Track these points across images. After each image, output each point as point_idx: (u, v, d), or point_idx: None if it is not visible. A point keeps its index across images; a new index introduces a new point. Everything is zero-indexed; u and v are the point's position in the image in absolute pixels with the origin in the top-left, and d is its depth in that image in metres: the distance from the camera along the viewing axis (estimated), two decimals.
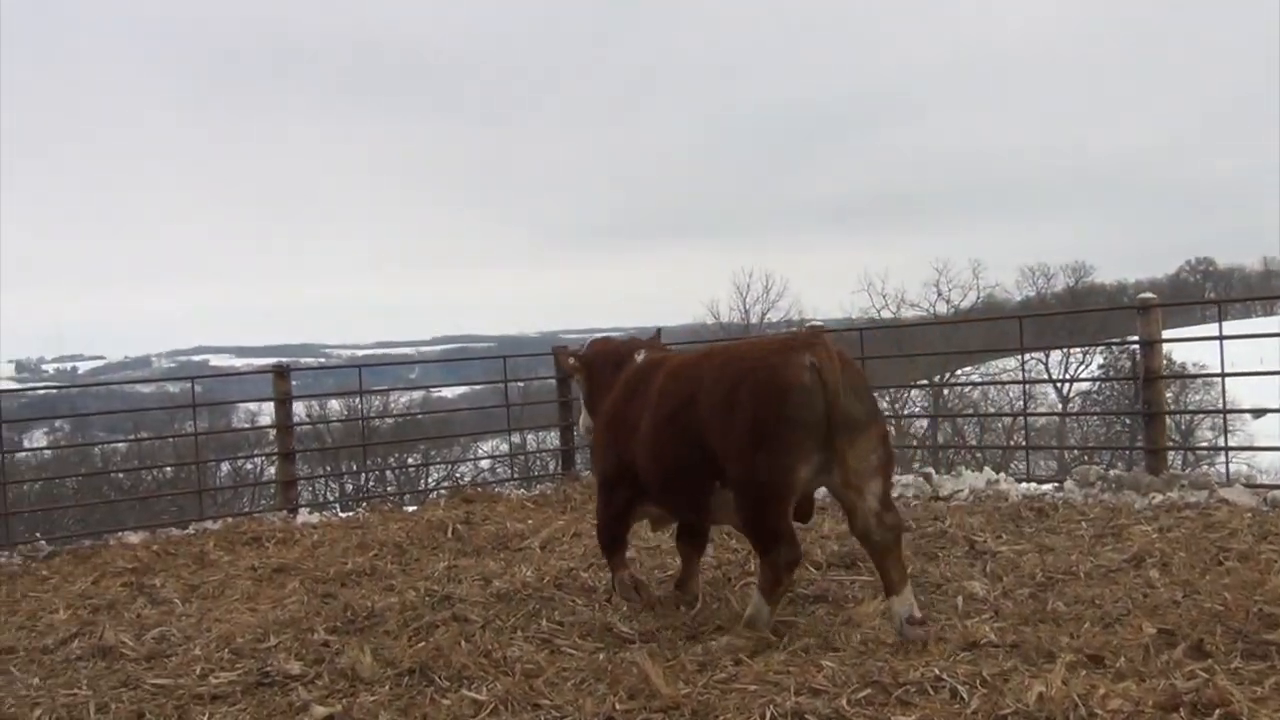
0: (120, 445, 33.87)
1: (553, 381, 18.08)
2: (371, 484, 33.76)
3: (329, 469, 34.20)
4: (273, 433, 21.17)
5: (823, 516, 9.53)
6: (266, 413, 25.41)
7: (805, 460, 5.85)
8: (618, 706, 5.07)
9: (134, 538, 11.11)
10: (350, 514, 12.30)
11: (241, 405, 33.46)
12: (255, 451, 33.75)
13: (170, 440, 32.23)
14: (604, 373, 7.47)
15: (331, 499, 28.94)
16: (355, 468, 32.90)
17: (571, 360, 7.92)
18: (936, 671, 5.09)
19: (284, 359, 27.49)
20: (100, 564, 9.80)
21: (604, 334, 9.46)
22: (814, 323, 13.88)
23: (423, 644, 6.28)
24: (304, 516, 12.01)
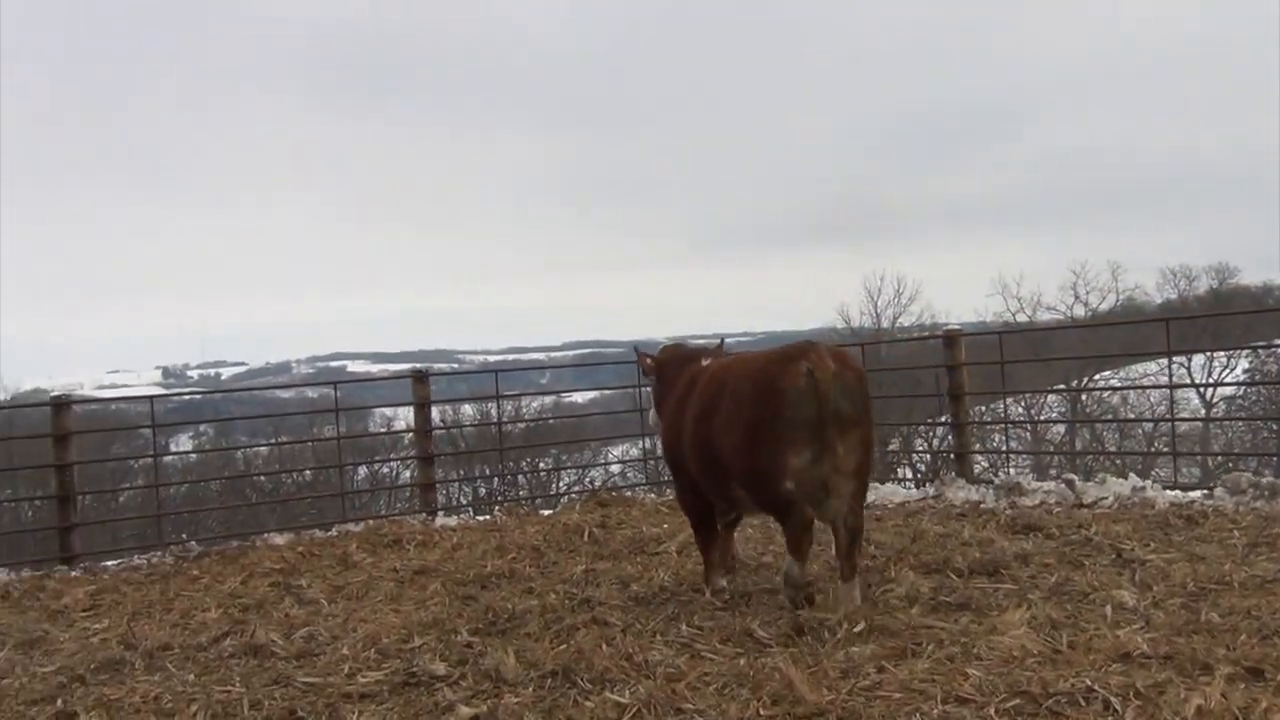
0: (262, 449, 34.75)
1: None
2: (504, 488, 34.16)
3: (462, 473, 34.65)
4: (409, 437, 21.59)
5: (963, 524, 9.41)
6: (402, 417, 25.87)
7: (797, 453, 6.60)
8: (761, 712, 5.06)
9: (279, 539, 11.39)
10: (486, 517, 12.44)
11: (378, 410, 34.10)
12: (391, 455, 34.41)
13: (309, 444, 33.01)
14: (672, 376, 8.07)
15: (465, 502, 29.33)
16: (488, 471, 33.29)
17: (648, 360, 8.51)
18: (1088, 682, 4.98)
19: (419, 364, 27.98)
20: (248, 564, 10.07)
21: (679, 340, 9.80)
22: (950, 326, 13.67)
23: (564, 646, 6.34)
24: (442, 519, 12.20)
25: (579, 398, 38.29)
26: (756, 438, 6.71)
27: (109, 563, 11.09)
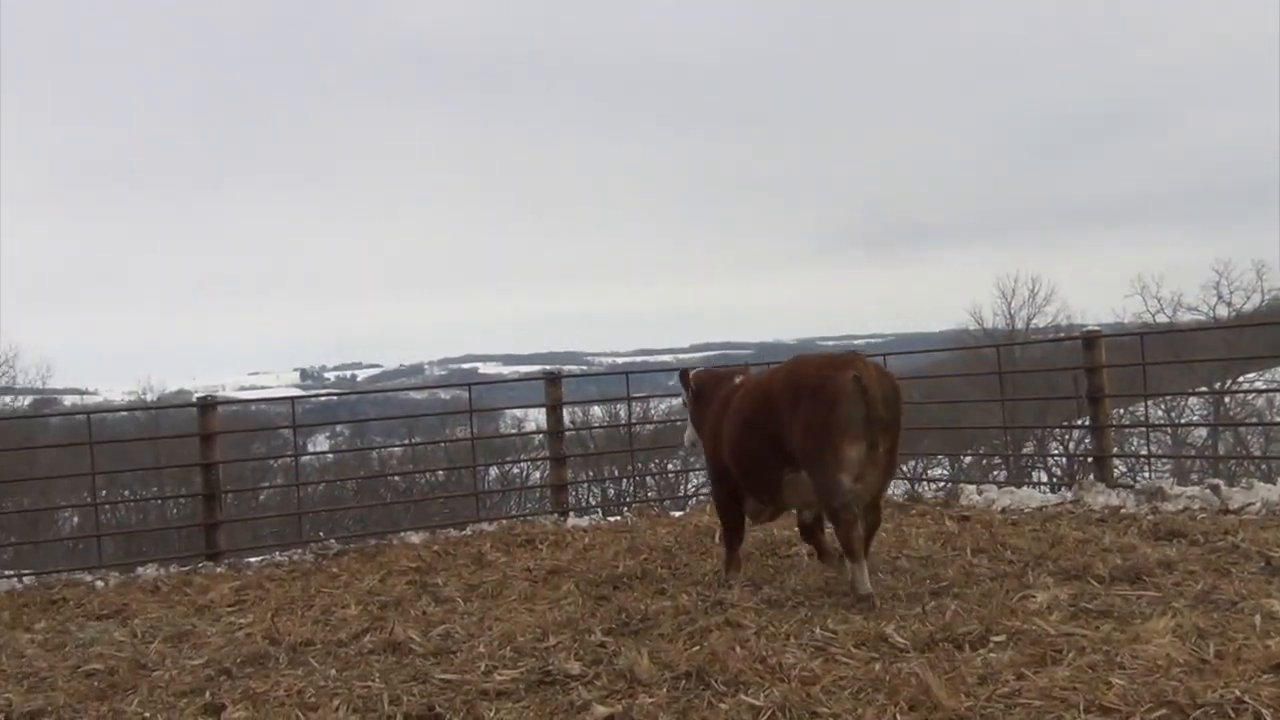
0: (396, 449, 35.39)
1: None
2: (632, 489, 34.31)
3: (591, 474, 34.87)
4: (539, 438, 21.79)
5: (1103, 528, 9.22)
6: (533, 418, 26.15)
7: (853, 446, 7.46)
8: (898, 717, 5.01)
9: (415, 538, 11.60)
10: (617, 518, 12.52)
11: (509, 411, 34.50)
12: (522, 456, 34.76)
13: (442, 445, 33.53)
14: (710, 395, 8.99)
15: (594, 503, 29.52)
16: (617, 473, 33.45)
17: (690, 380, 9.35)
18: (1237, 693, 4.83)
19: (549, 366, 28.23)
20: (385, 562, 10.27)
21: (726, 363, 10.92)
22: (1089, 327, 13.36)
23: (697, 648, 6.34)
24: (573, 520, 12.30)
25: None
26: (817, 436, 7.55)
27: (252, 559, 11.41)
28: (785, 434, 7.79)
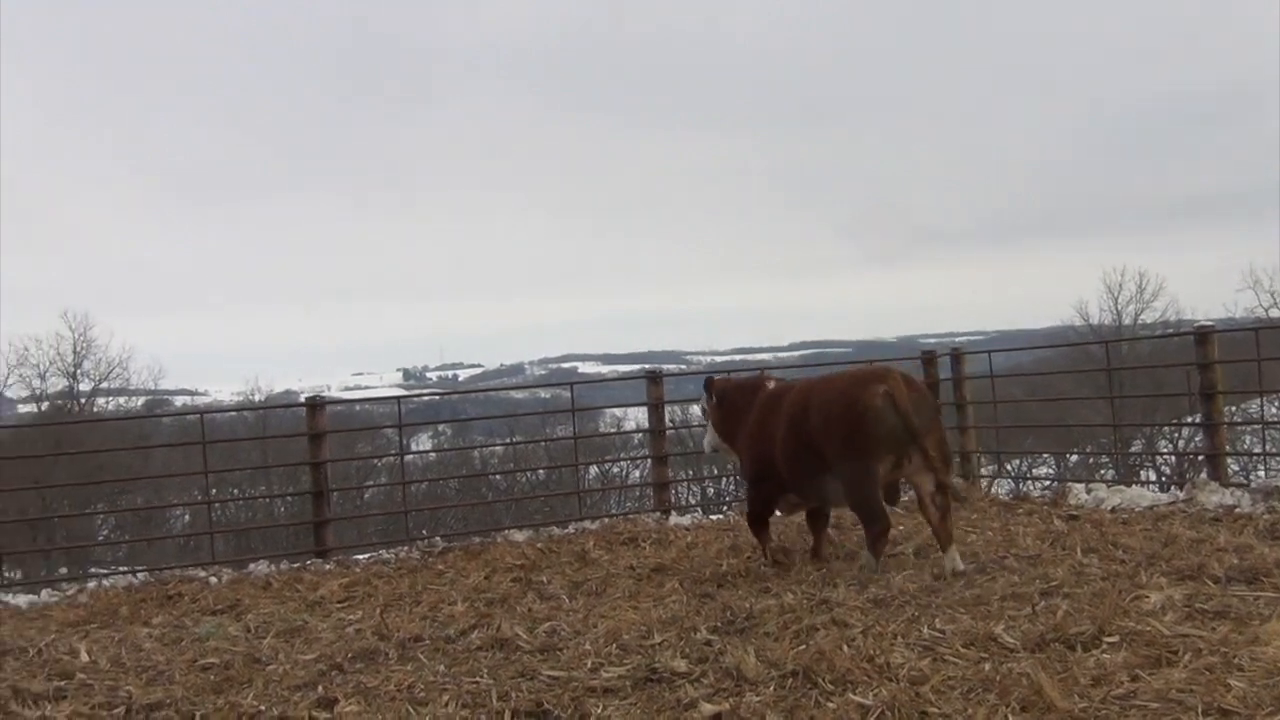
0: (497, 448, 35.69)
1: None
2: (732, 488, 34.21)
3: (691, 473, 34.85)
4: (639, 436, 21.81)
5: (1218, 528, 9.02)
6: (632, 418, 26.21)
7: (880, 460, 8.22)
8: (1010, 718, 4.95)
9: (519, 536, 11.70)
10: (719, 517, 12.52)
11: (608, 410, 34.62)
12: (621, 455, 34.86)
13: (542, 444, 33.77)
14: (733, 402, 9.65)
15: (694, 502, 29.47)
16: (716, 472, 33.38)
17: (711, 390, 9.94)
18: None
19: (648, 365, 28.29)
20: (490, 560, 10.37)
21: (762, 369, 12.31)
22: (1201, 322, 13.05)
23: (803, 646, 6.31)
24: (675, 518, 12.32)
25: None
26: (846, 449, 8.28)
27: (359, 556, 11.58)
28: (821, 443, 8.48)
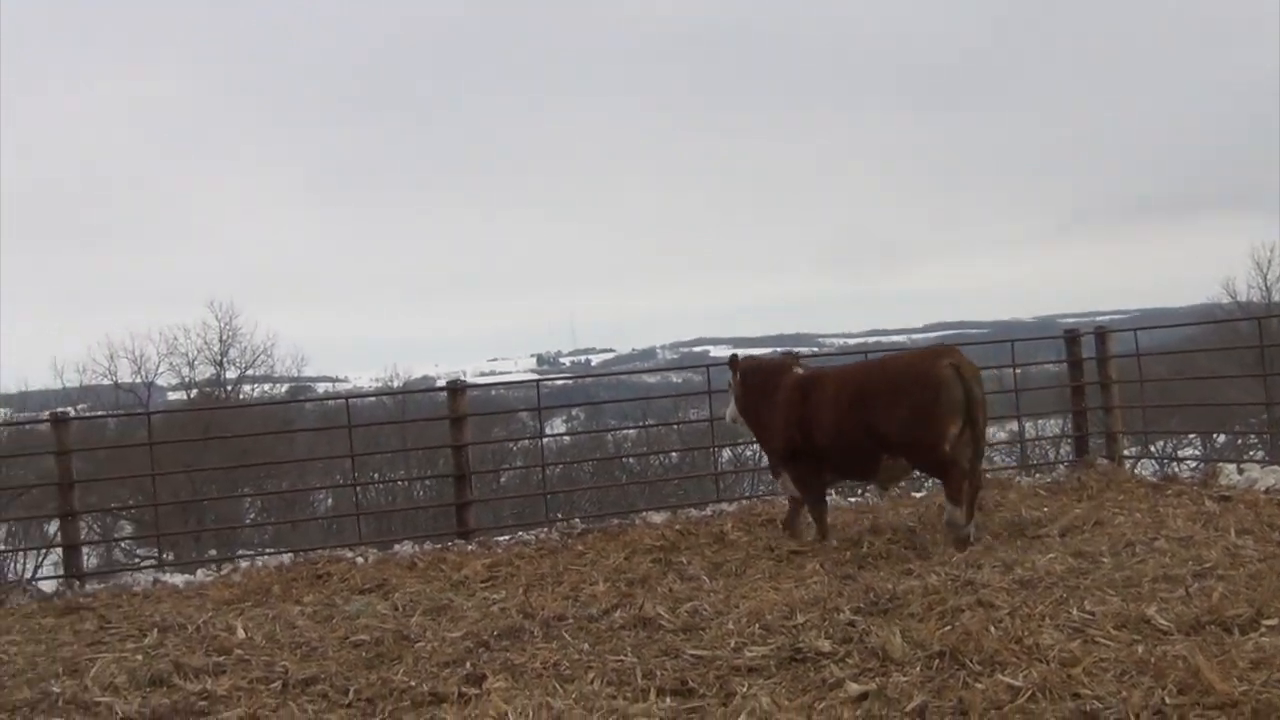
0: (630, 431, 35.85)
1: (1051, 368, 17.43)
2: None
3: None
4: None
5: None
6: None
7: (954, 425, 8.94)
8: (1167, 700, 4.85)
9: (657, 518, 11.75)
10: (856, 499, 12.43)
11: None
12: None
13: (675, 427, 33.83)
14: (760, 383, 10.20)
15: None
16: None
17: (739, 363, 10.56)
18: None
19: (780, 348, 28.13)
20: (629, 541, 10.42)
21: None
22: None
23: (949, 628, 6.26)
24: None
25: None
26: (921, 419, 8.97)
27: (500, 538, 11.74)
28: (883, 422, 9.10)
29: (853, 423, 9.29)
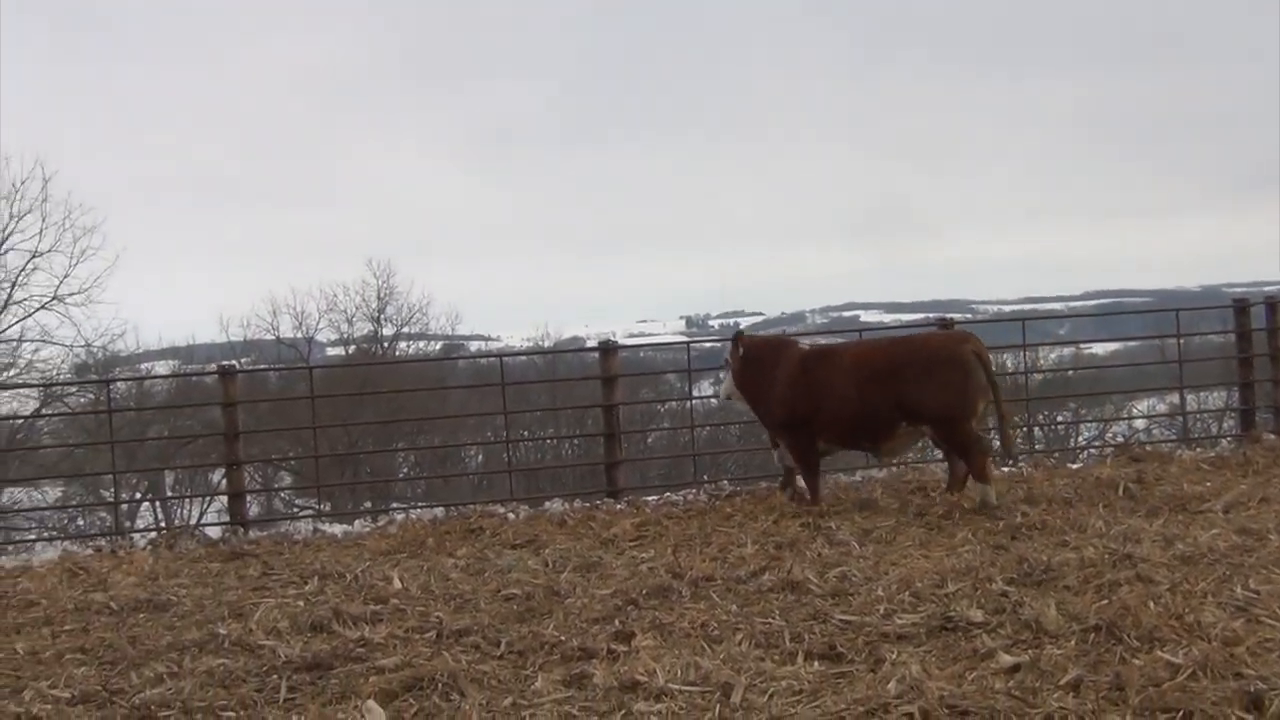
0: None
1: (1216, 339, 16.88)
2: (1019, 439, 33.26)
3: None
4: None
5: None
6: None
7: (981, 400, 9.70)
8: None
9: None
10: (1010, 468, 12.22)
11: None
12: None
13: None
14: (759, 358, 10.65)
15: None
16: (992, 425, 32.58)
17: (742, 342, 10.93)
18: None
19: (933, 315, 27.68)
20: (777, 505, 10.39)
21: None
22: None
23: (1106, 601, 6.14)
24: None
25: (1099, 349, 36.51)
26: (952, 394, 9.64)
27: (648, 498, 11.81)
28: (915, 394, 9.71)
29: (875, 394, 9.86)
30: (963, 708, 4.88)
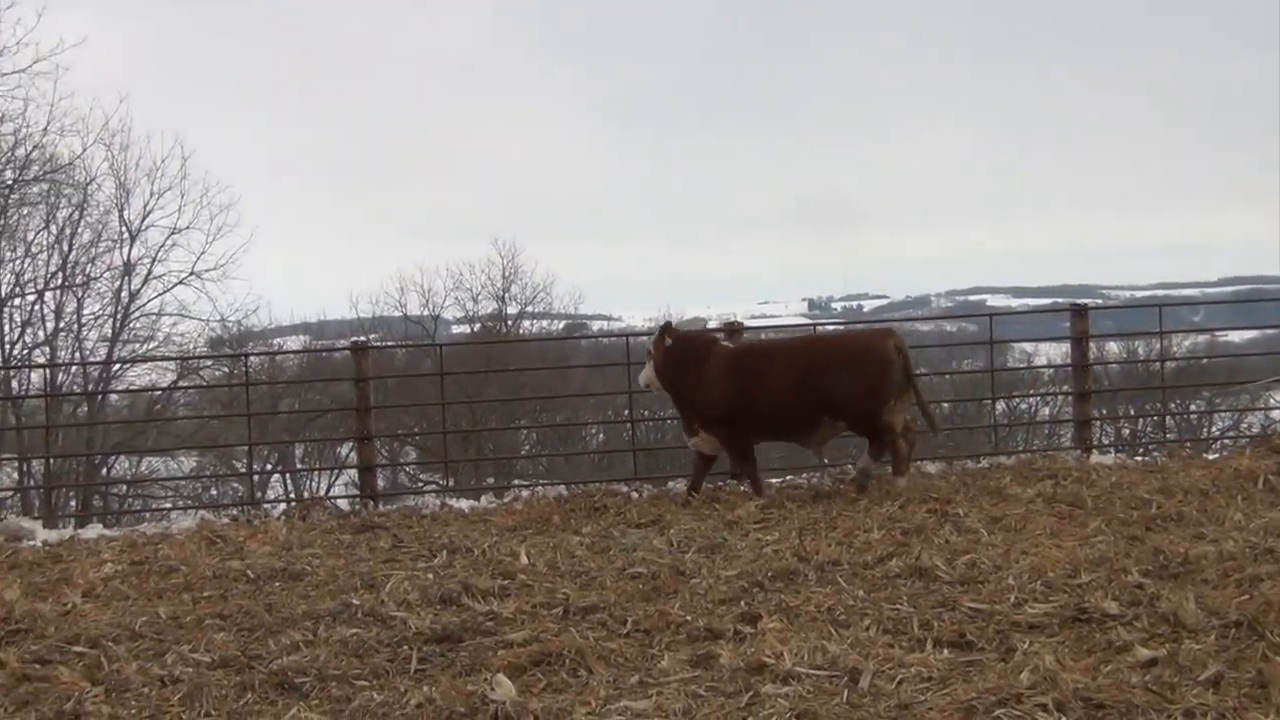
0: None
1: None
2: (1149, 429, 32.50)
3: (1104, 411, 33.40)
4: (1048, 373, 20.98)
5: None
6: (1043, 353, 25.31)
7: (893, 395, 10.38)
8: None
9: (931, 468, 11.61)
10: (1143, 457, 11.97)
11: (1016, 345, 33.54)
12: (1031, 391, 33.78)
13: (947, 376, 33.16)
14: (684, 350, 11.03)
15: (1106, 442, 28.21)
16: (1132, 411, 31.83)
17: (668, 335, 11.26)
18: None
19: (1063, 300, 27.16)
20: (900, 490, 10.29)
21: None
22: None
23: (1247, 596, 5.99)
24: (1096, 457, 11.86)
25: (1236, 337, 35.47)
26: (870, 389, 10.34)
27: (772, 480, 11.78)
28: (835, 390, 10.34)
29: (804, 390, 10.45)
30: (1098, 701, 4.79)
